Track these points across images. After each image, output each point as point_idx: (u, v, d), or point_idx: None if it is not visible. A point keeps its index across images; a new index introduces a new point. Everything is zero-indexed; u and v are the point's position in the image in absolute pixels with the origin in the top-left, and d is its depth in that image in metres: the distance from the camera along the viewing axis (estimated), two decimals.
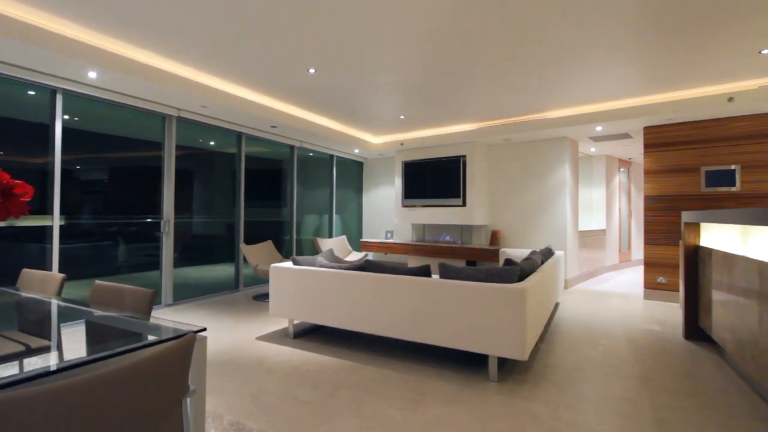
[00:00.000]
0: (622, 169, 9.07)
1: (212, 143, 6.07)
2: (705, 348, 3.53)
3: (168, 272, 5.05)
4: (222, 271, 6.16)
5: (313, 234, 7.88)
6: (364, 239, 8.34)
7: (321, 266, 3.65)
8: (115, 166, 4.99)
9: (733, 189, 5.01)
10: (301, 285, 3.61)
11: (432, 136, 7.09)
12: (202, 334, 1.47)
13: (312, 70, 4.25)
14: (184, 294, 5.34)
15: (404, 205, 7.60)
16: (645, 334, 3.92)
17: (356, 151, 8.07)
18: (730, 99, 4.64)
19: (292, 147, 7.12)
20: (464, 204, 6.87)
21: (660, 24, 3.23)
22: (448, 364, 3.08)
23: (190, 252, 5.69)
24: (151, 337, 1.51)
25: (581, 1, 2.90)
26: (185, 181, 5.53)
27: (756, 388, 2.64)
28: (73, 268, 4.15)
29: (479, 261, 6.76)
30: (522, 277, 3.04)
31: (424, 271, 3.20)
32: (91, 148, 4.66)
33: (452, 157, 7.03)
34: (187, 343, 1.12)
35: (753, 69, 4.14)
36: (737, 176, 4.98)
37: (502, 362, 3.08)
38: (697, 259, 3.82)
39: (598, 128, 5.89)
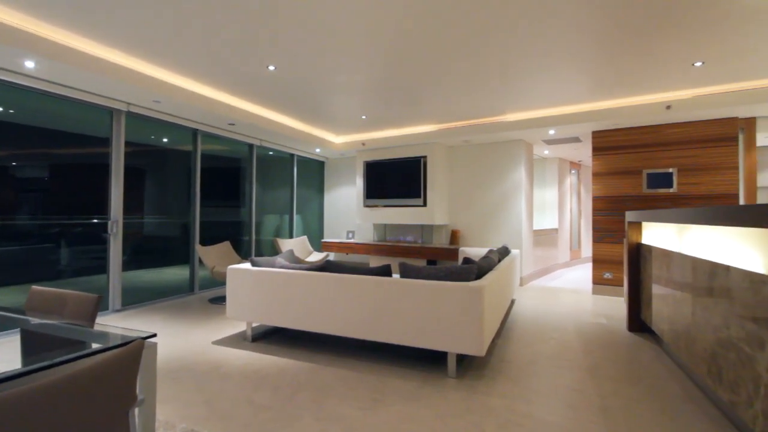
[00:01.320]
0: (573, 171, 9.53)
1: (165, 140, 5.80)
2: (646, 339, 3.78)
3: (116, 276, 4.78)
4: (176, 273, 5.91)
5: (273, 234, 7.72)
6: (325, 239, 8.27)
7: (281, 267, 3.59)
8: (58, 163, 4.67)
9: (670, 190, 5.40)
10: (260, 287, 3.53)
11: (393, 136, 7.15)
12: (152, 340, 1.41)
13: (272, 67, 4.17)
14: (135, 298, 5.08)
15: (366, 205, 7.61)
16: (593, 328, 4.15)
17: (318, 150, 7.99)
18: (668, 107, 4.99)
19: (251, 145, 6.95)
20: (425, 204, 6.98)
21: (606, 36, 3.43)
22: (408, 363, 3.12)
23: (141, 254, 5.42)
24: (95, 345, 1.43)
25: (533, 13, 3.03)
26: (136, 179, 5.26)
27: (689, 374, 2.86)
28: (6, 273, 3.84)
29: (440, 260, 6.89)
30: (480, 276, 3.13)
31: (385, 271, 3.22)
32: (29, 144, 4.34)
33: (413, 157, 7.12)
34: (134, 350, 1.07)
35: (687, 80, 4.48)
36: (674, 179, 5.38)
37: (461, 359, 3.16)
38: (639, 256, 4.08)
39: (551, 132, 6.16)
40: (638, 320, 4.04)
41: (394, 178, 7.31)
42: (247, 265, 3.75)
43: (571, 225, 9.38)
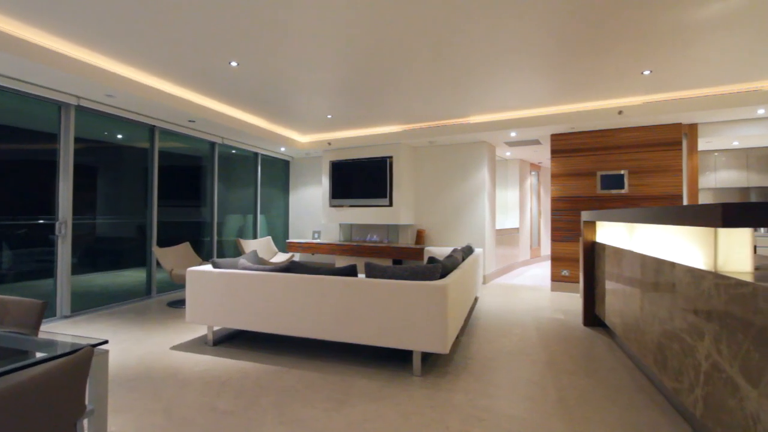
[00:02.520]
0: (533, 173, 9.86)
1: (120, 136, 5.53)
2: (600, 333, 3.97)
3: (65, 280, 4.50)
4: (132, 276, 5.64)
5: (236, 235, 7.52)
6: (290, 240, 8.15)
7: (243, 268, 3.50)
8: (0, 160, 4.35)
9: (622, 191, 5.70)
10: (222, 289, 3.43)
11: (359, 136, 7.14)
12: (103, 347, 1.34)
13: (234, 63, 4.06)
14: (86, 304, 4.81)
15: (332, 205, 7.56)
16: (551, 323, 4.32)
17: (282, 149, 7.86)
18: (620, 112, 5.27)
19: (212, 143, 6.74)
20: (391, 204, 7.02)
21: (562, 44, 3.58)
22: (374, 362, 3.13)
23: (93, 257, 5.14)
24: (39, 354, 1.34)
25: (494, 20, 3.11)
26: (87, 178, 4.98)
27: (638, 364, 3.04)
28: None
29: (405, 260, 6.95)
30: (444, 274, 3.18)
31: (350, 271, 3.21)
32: None
33: (379, 157, 7.14)
34: (83, 358, 1.01)
35: (638, 87, 4.75)
36: (626, 180, 5.68)
37: (426, 356, 3.20)
38: (593, 253, 4.28)
39: (513, 134, 6.36)
40: (593, 315, 4.24)
41: (360, 178, 7.31)
42: (208, 267, 3.64)
43: (531, 224, 9.71)
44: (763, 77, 4.40)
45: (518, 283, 6.92)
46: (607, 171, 5.81)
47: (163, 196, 5.79)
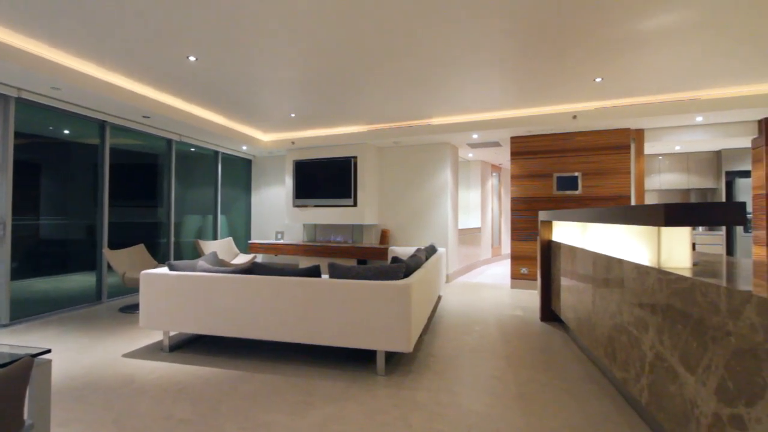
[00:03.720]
0: (494, 174, 10.15)
1: (67, 132, 5.20)
2: (556, 327, 4.14)
3: (3, 285, 4.18)
4: (80, 281, 5.32)
5: (195, 236, 7.26)
6: (252, 241, 7.96)
7: (202, 270, 3.39)
8: None
9: (576, 192, 5.97)
10: (179, 292, 3.30)
11: (324, 136, 7.08)
12: (45, 356, 1.26)
13: (192, 58, 3.92)
14: (28, 311, 4.48)
15: (295, 205, 7.45)
16: (510, 319, 4.46)
17: (244, 148, 7.67)
18: (574, 117, 5.52)
19: (169, 141, 6.47)
20: (355, 204, 7.00)
21: (521, 51, 3.70)
22: (338, 363, 3.11)
23: (36, 260, 4.80)
24: None
25: (454, 26, 3.18)
26: (29, 176, 4.65)
27: (590, 357, 3.19)
28: None
29: (370, 260, 6.96)
30: (408, 274, 3.21)
31: (314, 272, 3.18)
32: None
33: (344, 157, 7.11)
34: (21, 369, 0.95)
35: (591, 93, 4.99)
36: (579, 182, 5.96)
37: (390, 356, 3.22)
38: (550, 251, 4.46)
39: (474, 136, 6.51)
40: (549, 311, 4.41)
41: (325, 178, 7.25)
42: (164, 270, 3.49)
43: (493, 224, 9.99)
44: (701, 87, 4.74)
45: (480, 281, 7.10)
46: (563, 173, 6.07)
47: (115, 195, 5.49)
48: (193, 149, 7.13)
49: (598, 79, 4.48)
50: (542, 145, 6.25)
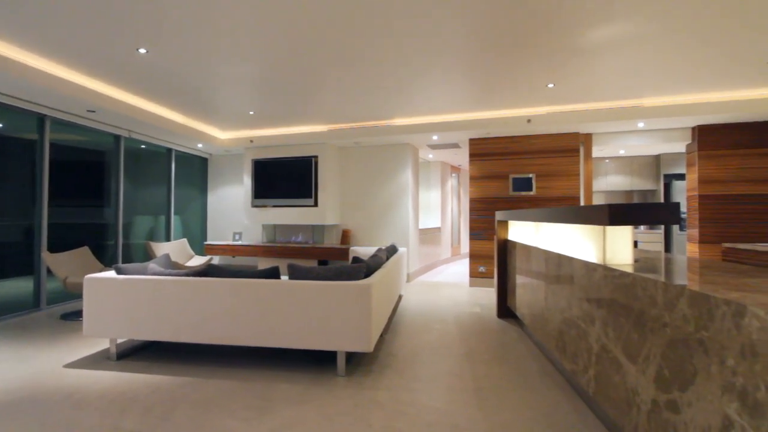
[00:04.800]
0: (453, 175, 10.37)
1: (0, 125, 4.79)
2: (512, 323, 4.29)
3: None
4: (15, 287, 4.92)
5: (146, 238, 6.90)
6: (208, 242, 7.68)
7: (153, 274, 3.23)
8: None
9: (530, 193, 6.22)
10: (128, 297, 3.13)
11: (284, 134, 6.95)
12: None
13: (143, 50, 3.73)
14: None
15: (254, 205, 7.27)
16: (469, 317, 4.57)
17: (200, 146, 7.38)
18: (529, 120, 5.75)
19: (118, 137, 6.11)
20: (316, 204, 6.93)
21: (478, 55, 3.81)
22: (297, 365, 3.06)
23: None
24: None
25: (414, 29, 3.23)
26: None
27: (543, 351, 3.34)
28: None
29: (331, 260, 6.91)
30: (368, 274, 3.22)
31: (272, 273, 3.12)
32: None
33: (304, 157, 7.02)
34: None
35: (544, 99, 5.21)
36: (533, 183, 6.21)
37: (351, 356, 3.22)
38: (506, 250, 4.62)
39: (435, 137, 6.63)
40: (505, 307, 4.56)
41: (285, 178, 7.12)
42: (111, 273, 3.30)
43: (452, 224, 10.20)
44: (643, 95, 5.08)
45: (440, 280, 7.23)
46: (518, 174, 6.31)
47: (56, 194, 5.12)
48: (143, 146, 6.79)
49: (551, 85, 4.69)
50: (499, 147, 6.45)
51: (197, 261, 6.60)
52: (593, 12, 3.06)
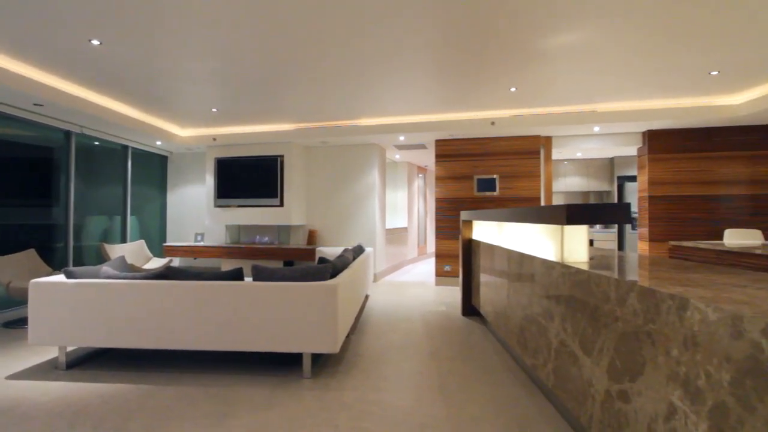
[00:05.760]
0: (420, 175, 10.48)
1: None
2: (476, 321, 4.39)
3: None
4: None
5: (100, 239, 6.55)
6: (168, 244, 7.39)
7: (107, 277, 3.07)
8: None
9: (494, 194, 6.39)
10: (78, 302, 2.96)
11: (248, 133, 6.79)
12: None
13: (96, 42, 3.53)
14: None
15: (217, 205, 7.06)
16: (434, 315, 4.64)
17: (159, 143, 7.09)
18: (493, 123, 5.90)
19: (68, 132, 5.76)
20: (282, 204, 6.82)
21: (444, 58, 3.87)
22: (262, 369, 3.00)
23: None
24: None
25: (382, 30, 3.24)
26: None
27: (506, 347, 3.43)
28: None
29: (297, 261, 6.82)
30: (335, 274, 3.20)
31: (236, 275, 3.04)
32: None
33: (270, 156, 6.89)
34: None
35: (507, 102, 5.36)
36: (497, 184, 6.38)
37: (317, 358, 3.18)
38: (470, 249, 4.71)
39: (401, 138, 6.67)
40: (470, 305, 4.66)
41: (249, 177, 6.96)
42: (60, 277, 3.11)
43: (419, 224, 10.31)
44: (598, 101, 5.32)
45: (406, 279, 7.29)
46: (483, 175, 6.46)
47: None
48: (97, 143, 6.44)
49: (513, 89, 4.83)
50: (464, 148, 6.58)
51: (156, 263, 6.33)
52: (549, 19, 3.18)
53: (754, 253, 3.31)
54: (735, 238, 4.64)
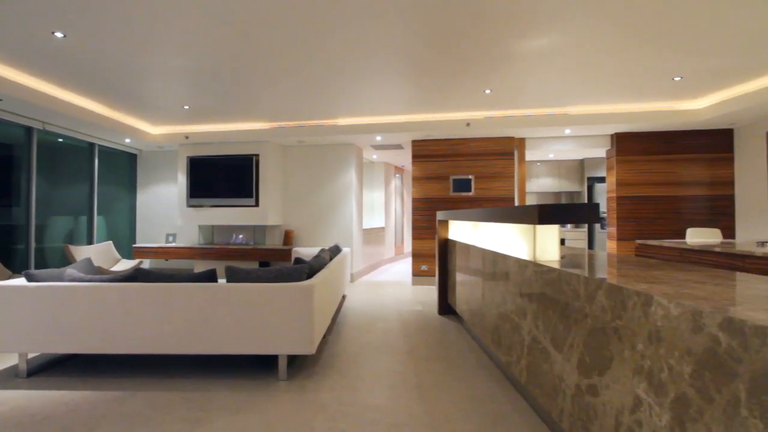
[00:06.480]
0: (397, 175, 10.52)
1: None
2: (452, 320, 4.44)
3: None
4: None
5: (64, 241, 6.28)
6: (138, 245, 7.16)
7: (71, 280, 2.95)
8: None
9: (470, 194, 6.48)
10: (41, 306, 2.83)
11: (222, 131, 6.65)
12: None
13: (59, 34, 3.39)
14: None
15: (190, 205, 6.89)
16: (411, 314, 4.67)
17: (128, 140, 6.86)
18: (468, 124, 5.98)
19: (29, 129, 5.50)
20: (257, 204, 6.72)
21: (420, 59, 3.90)
22: (237, 372, 2.95)
23: None
24: None
25: (359, 29, 3.24)
26: None
27: (481, 345, 3.49)
28: None
29: (273, 261, 6.73)
30: (311, 275, 3.17)
31: (209, 276, 2.98)
32: None
33: (245, 155, 6.77)
34: None
35: (481, 103, 5.45)
36: (472, 184, 6.47)
37: (293, 359, 3.15)
38: (446, 249, 4.77)
39: (378, 138, 6.68)
40: (446, 305, 4.71)
41: (224, 176, 6.83)
42: (20, 281, 2.96)
43: (396, 224, 10.35)
44: (569, 104, 5.48)
45: (383, 279, 7.30)
46: (458, 175, 6.55)
47: None
48: (61, 140, 6.17)
49: (488, 91, 4.91)
50: (440, 149, 6.65)
51: (125, 265, 6.12)
52: (521, 23, 3.25)
53: (713, 251, 3.48)
54: (696, 236, 4.86)
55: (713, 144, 5.99)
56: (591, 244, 8.20)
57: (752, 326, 0.93)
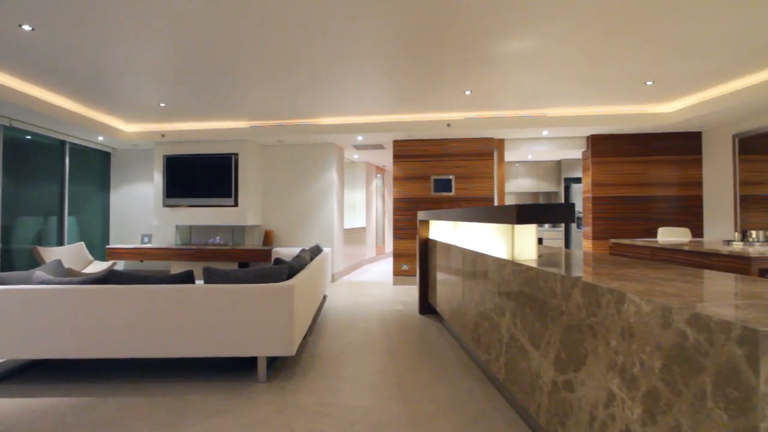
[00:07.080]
0: (378, 175, 10.53)
1: None
2: (433, 319, 4.47)
3: None
4: None
5: (33, 242, 6.04)
6: (111, 246, 6.95)
7: (39, 283, 2.84)
8: None
9: (450, 194, 6.54)
10: (6, 310, 2.71)
11: (200, 130, 6.52)
12: None
13: (27, 27, 3.26)
14: None
15: (166, 205, 6.73)
16: (392, 314, 4.68)
17: (100, 138, 6.65)
18: (448, 125, 6.03)
19: None
20: (236, 204, 6.61)
21: (401, 59, 3.91)
22: (214, 375, 2.89)
23: None
24: None
25: (340, 28, 3.23)
26: None
27: (461, 344, 3.52)
28: None
29: (252, 262, 6.64)
30: (291, 275, 3.14)
31: (186, 278, 2.91)
32: None
33: (223, 154, 6.66)
34: None
35: (462, 105, 5.50)
36: (453, 184, 6.53)
37: (273, 361, 3.11)
38: (427, 249, 4.80)
39: (359, 138, 6.67)
40: (427, 304, 4.74)
41: (201, 176, 6.69)
42: None
43: (377, 223, 10.36)
44: (546, 106, 5.59)
45: (365, 279, 7.30)
46: (439, 176, 6.59)
47: None
48: (29, 137, 5.94)
49: (468, 92, 4.96)
50: (421, 149, 6.69)
51: (97, 267, 5.93)
52: (500, 25, 3.30)
53: (683, 250, 3.61)
54: (667, 235, 5.03)
55: (683, 146, 6.21)
56: (568, 243, 8.38)
57: (717, 322, 0.97)
